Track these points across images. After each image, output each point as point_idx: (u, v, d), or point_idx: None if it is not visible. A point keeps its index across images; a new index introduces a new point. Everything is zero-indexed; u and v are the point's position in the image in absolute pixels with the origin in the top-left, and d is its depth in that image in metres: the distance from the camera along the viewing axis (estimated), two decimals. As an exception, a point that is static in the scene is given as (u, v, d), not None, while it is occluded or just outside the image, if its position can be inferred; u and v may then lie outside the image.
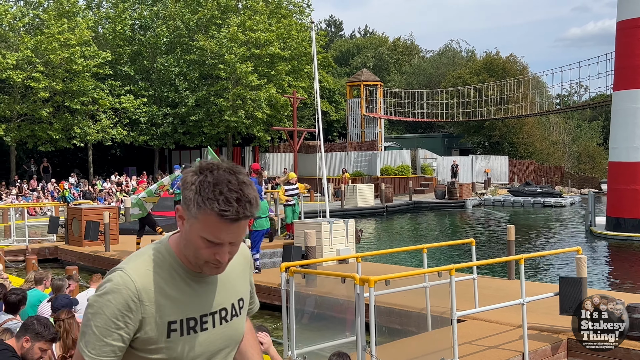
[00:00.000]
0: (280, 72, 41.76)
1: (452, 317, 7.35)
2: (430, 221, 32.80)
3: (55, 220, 21.25)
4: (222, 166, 1.97)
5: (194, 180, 1.94)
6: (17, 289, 7.41)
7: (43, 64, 34.66)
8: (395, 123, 67.03)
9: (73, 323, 5.74)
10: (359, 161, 45.47)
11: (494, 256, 19.48)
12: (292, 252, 13.20)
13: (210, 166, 1.96)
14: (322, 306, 8.75)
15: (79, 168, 43.35)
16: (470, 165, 47.98)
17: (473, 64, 62.62)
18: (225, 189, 1.90)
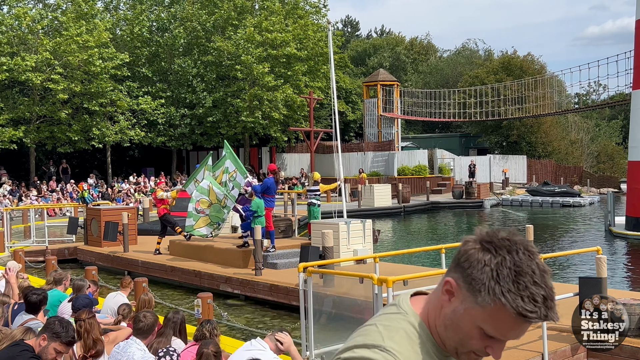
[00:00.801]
0: (296, 72, 41.80)
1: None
2: (448, 221, 32.69)
3: (74, 221, 21.43)
4: (519, 245, 1.64)
5: (487, 261, 1.63)
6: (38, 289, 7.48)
7: (62, 66, 34.95)
8: (412, 123, 66.83)
9: (94, 323, 5.78)
10: (375, 161, 45.40)
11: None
12: (309, 252, 13.22)
13: (506, 244, 1.64)
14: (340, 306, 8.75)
15: (97, 169, 43.66)
16: (488, 165, 47.74)
17: (490, 64, 62.30)
18: (530, 282, 1.59)
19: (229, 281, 14.54)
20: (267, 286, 13.61)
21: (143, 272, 16.65)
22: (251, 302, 13.97)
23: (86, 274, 12.79)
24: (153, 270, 16.73)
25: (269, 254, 15.31)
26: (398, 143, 48.80)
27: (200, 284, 15.21)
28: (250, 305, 13.81)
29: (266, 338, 5.59)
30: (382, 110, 48.58)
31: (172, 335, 6.28)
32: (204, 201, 15.74)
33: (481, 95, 53.53)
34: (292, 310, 12.62)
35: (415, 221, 32.62)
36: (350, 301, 8.62)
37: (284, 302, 13.22)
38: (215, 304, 11.15)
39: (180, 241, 17.69)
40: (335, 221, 15.74)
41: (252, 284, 13.96)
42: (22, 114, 35.08)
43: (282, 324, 12.15)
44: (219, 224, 16.00)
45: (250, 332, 11.04)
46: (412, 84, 67.74)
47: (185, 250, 17.28)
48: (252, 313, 13.21)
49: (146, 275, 15.35)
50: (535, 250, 1.66)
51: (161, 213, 17.90)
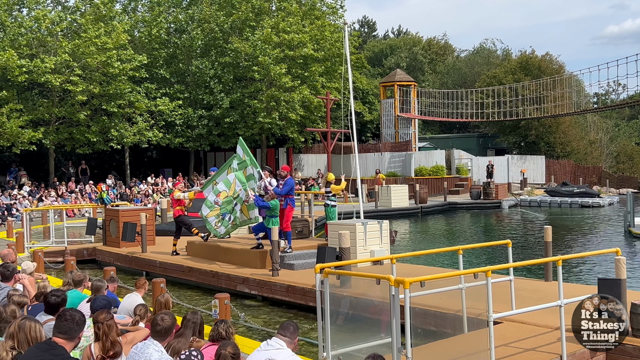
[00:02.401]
0: (313, 73, 41.82)
1: (489, 319, 7.29)
2: (466, 222, 32.54)
3: (93, 221, 21.57)
4: None
5: None
6: (58, 290, 7.54)
7: (80, 68, 35.20)
8: (430, 123, 66.64)
9: (112, 324, 5.81)
10: (392, 162, 45.31)
11: (530, 257, 19.26)
12: (326, 253, 13.21)
13: None
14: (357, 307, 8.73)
15: (116, 170, 43.96)
16: (506, 166, 47.48)
17: (508, 63, 61.97)
18: None
19: (246, 282, 14.57)
20: (284, 287, 13.63)
21: (161, 272, 16.74)
22: (268, 302, 13.99)
23: (104, 275, 12.87)
24: (171, 270, 16.80)
25: (286, 254, 15.33)
26: (415, 143, 48.67)
27: (217, 284, 15.25)
28: (268, 306, 13.83)
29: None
30: (399, 110, 48.48)
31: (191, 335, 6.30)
32: (223, 193, 15.92)
33: (499, 95, 53.25)
34: (309, 311, 12.63)
35: (433, 222, 32.51)
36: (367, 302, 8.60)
37: (301, 303, 13.23)
38: (233, 305, 11.18)
39: (198, 242, 17.75)
40: (352, 222, 15.73)
41: (269, 285, 13.98)
42: (41, 116, 35.38)
43: (300, 324, 12.16)
44: (224, 216, 15.96)
45: (267, 333, 11.06)
46: (429, 84, 67.52)
47: (202, 251, 17.34)
48: (269, 314, 13.23)
49: (164, 275, 15.43)
50: None
51: (176, 214, 17.96)
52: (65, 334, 5.01)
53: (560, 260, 8.42)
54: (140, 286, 9.38)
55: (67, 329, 5.03)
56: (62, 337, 4.99)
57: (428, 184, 41.32)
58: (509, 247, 10.40)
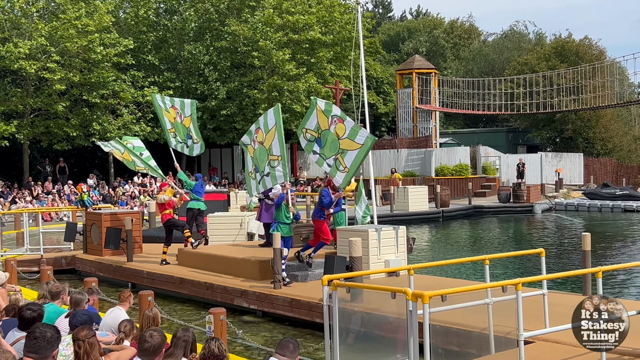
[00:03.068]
0: (321, 59, 41.85)
1: (519, 338, 7.28)
2: (493, 228, 32.49)
3: (72, 226, 21.63)
4: None
5: None
6: (34, 304, 7.57)
7: (58, 53, 35.31)
8: (453, 116, 66.55)
9: (94, 342, 5.83)
10: (410, 160, 45.29)
11: (566, 269, 19.20)
12: (335, 263, 13.21)
13: None
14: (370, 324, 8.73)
15: (98, 168, 44.07)
16: (539, 164, 47.37)
17: (541, 49, 61.82)
18: None
19: (244, 295, 14.59)
20: (287, 301, 13.64)
21: (148, 284, 16.77)
22: (269, 318, 13.99)
23: (85, 286, 12.91)
24: (159, 282, 16.84)
25: (307, 272, 15.21)
26: (436, 139, 48.62)
27: (212, 297, 15.27)
28: (269, 322, 13.84)
29: None
30: (418, 101, 48.44)
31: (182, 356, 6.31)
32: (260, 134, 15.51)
33: (531, 85, 53.14)
34: (315, 328, 12.63)
35: (456, 228, 32.47)
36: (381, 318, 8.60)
37: (306, 319, 13.23)
38: (229, 321, 11.19)
39: (190, 250, 17.79)
40: (364, 228, 15.72)
41: (270, 299, 13.99)
42: (14, 107, 35.51)
43: (305, 343, 12.17)
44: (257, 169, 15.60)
45: (267, 353, 11.07)
46: (452, 72, 67.43)
47: (195, 260, 17.38)
48: (271, 331, 13.24)
49: (152, 287, 15.46)
50: None
51: (165, 218, 18.03)
52: (36, 353, 5.02)
53: (600, 271, 8.39)
54: (124, 299, 9.40)
55: (37, 347, 5.03)
56: (33, 357, 5.00)
57: (450, 185, 41.27)
58: (542, 256, 10.36)
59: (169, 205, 18.07)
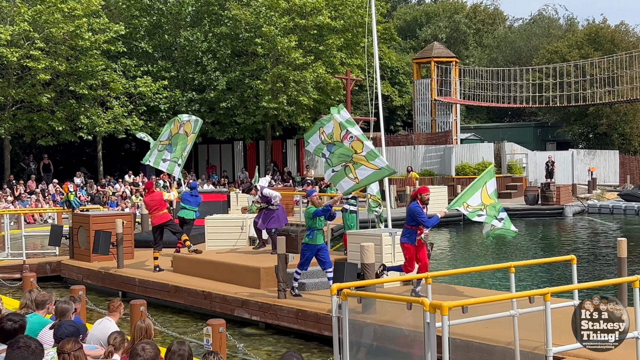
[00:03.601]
0: (330, 47, 41.82)
1: (547, 354, 7.27)
2: (519, 233, 32.34)
3: (57, 229, 21.66)
4: None
5: None
6: (15, 314, 7.59)
7: (43, 40, 35.38)
8: (475, 109, 66.41)
9: (81, 356, 5.85)
10: (428, 157, 45.23)
11: (600, 277, 19.14)
12: (345, 270, 13.20)
13: None
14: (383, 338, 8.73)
15: (86, 166, 44.20)
16: (570, 163, 47.22)
17: (573, 35, 61.67)
18: None
19: (245, 305, 14.61)
20: (292, 312, 13.65)
21: (141, 293, 16.80)
22: (273, 331, 14.01)
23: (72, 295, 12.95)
24: (153, 290, 16.87)
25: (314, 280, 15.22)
26: (457, 134, 48.53)
27: (210, 308, 15.31)
28: (272, 335, 13.86)
29: None
30: (437, 93, 48.37)
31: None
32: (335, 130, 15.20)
33: (561, 75, 52.99)
34: (323, 342, 12.63)
35: (478, 232, 32.37)
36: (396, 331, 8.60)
37: (313, 332, 13.24)
38: (229, 333, 11.21)
39: (186, 256, 17.82)
40: (378, 232, 15.71)
41: (274, 309, 14.01)
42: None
43: (311, 358, 12.18)
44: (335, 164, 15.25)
45: (271, 369, 11.08)
46: (474, 61, 67.32)
47: (192, 267, 17.40)
48: (274, 345, 13.25)
49: (144, 297, 15.48)
50: None
51: (165, 219, 18.20)
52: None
53: (638, 280, 8.37)
54: (114, 310, 9.42)
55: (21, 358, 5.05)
56: None
57: (472, 185, 41.14)
58: (573, 264, 10.34)
59: (165, 204, 18.39)
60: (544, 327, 7.36)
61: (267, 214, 17.37)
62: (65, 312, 8.44)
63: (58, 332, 7.37)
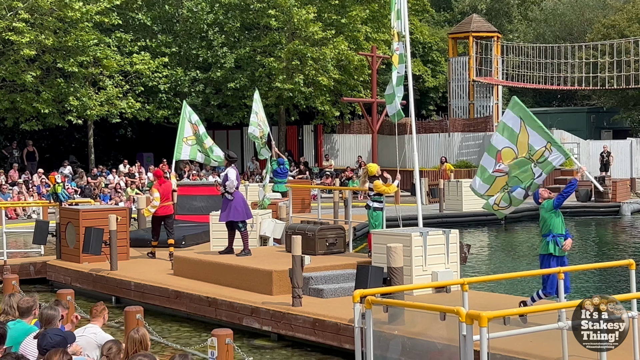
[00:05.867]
0: (354, 20, 41.75)
1: (601, 372, 7.26)
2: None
3: (43, 225, 21.75)
4: None
5: None
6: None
7: (27, 10, 35.46)
8: (519, 92, 66.13)
9: (68, 368, 5.88)
10: (465, 147, 45.13)
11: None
12: (369, 274, 13.19)
13: None
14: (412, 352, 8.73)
15: (75, 154, 44.37)
16: (629, 154, 46.98)
17: (633, 7, 61.21)
18: None
19: (255, 313, 14.63)
20: (308, 321, 13.66)
21: (136, 298, 16.86)
22: (286, 342, 14.03)
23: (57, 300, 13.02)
24: (151, 295, 16.92)
25: (334, 285, 15.28)
26: (498, 121, 48.33)
27: (215, 316, 15.35)
28: (285, 347, 13.88)
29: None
30: (476, 73, 48.21)
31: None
32: (507, 152, 14.71)
33: (619, 53, 52.66)
34: (344, 356, 12.64)
35: (521, 233, 32.32)
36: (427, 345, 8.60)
37: (332, 345, 13.25)
38: (237, 345, 11.23)
39: (190, 257, 17.89)
40: (407, 231, 15.70)
41: (288, 318, 14.02)
42: (-28, 77, 35.81)
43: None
44: (514, 190, 14.91)
45: (284, 386, 11.12)
46: (519, 37, 66.99)
47: (195, 270, 17.44)
48: (288, 359, 13.27)
49: (141, 302, 15.54)
50: None
51: (170, 211, 19.81)
52: None
53: None
54: (97, 314, 9.42)
55: None
56: None
57: (516, 179, 41.02)
58: (631, 269, 10.29)
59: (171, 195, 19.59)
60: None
61: (224, 203, 17.59)
62: (51, 320, 8.47)
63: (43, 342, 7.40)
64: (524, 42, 58.92)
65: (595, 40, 55.73)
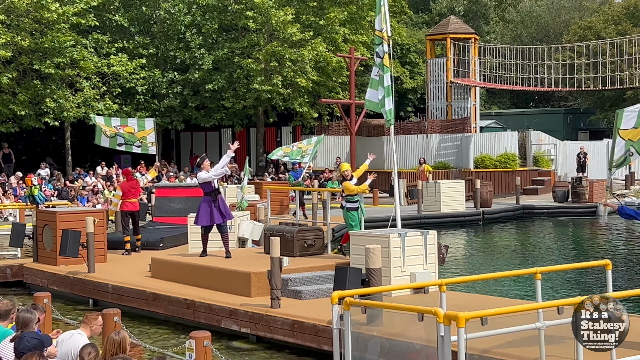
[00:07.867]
0: (332, 21, 41.78)
1: (578, 372, 7.29)
2: (546, 234, 32.46)
3: (19, 228, 21.65)
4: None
5: None
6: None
7: (3, 11, 35.29)
8: (497, 93, 66.42)
9: (45, 372, 5.86)
10: (443, 148, 45.24)
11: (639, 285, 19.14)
12: (347, 276, 13.20)
13: None
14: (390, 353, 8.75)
15: (52, 156, 44.16)
16: (605, 155, 47.25)
17: (609, 9, 61.65)
18: None
19: (234, 315, 14.62)
20: (287, 323, 13.66)
21: (114, 301, 16.81)
22: (265, 344, 14.03)
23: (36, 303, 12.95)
24: (128, 298, 16.87)
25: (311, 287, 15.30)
26: (476, 122, 48.53)
27: (193, 318, 15.32)
28: (264, 349, 13.88)
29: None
30: (453, 75, 48.35)
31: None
32: None
33: (595, 55, 52.97)
34: (322, 358, 12.65)
35: (500, 233, 32.44)
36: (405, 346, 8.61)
37: (311, 346, 13.26)
38: (215, 347, 11.21)
39: (167, 260, 17.84)
40: (385, 232, 15.72)
41: (266, 320, 14.02)
42: (-52, 79, 35.58)
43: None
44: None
45: (263, 388, 11.11)
46: (496, 38, 67.30)
47: (173, 272, 17.41)
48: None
49: (119, 305, 15.51)
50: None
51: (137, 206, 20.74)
52: None
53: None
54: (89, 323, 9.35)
55: None
56: None
57: (493, 180, 41.21)
58: (608, 269, 10.34)
59: (139, 191, 19.86)
60: (574, 342, 7.37)
61: (207, 205, 17.60)
62: (28, 323, 8.44)
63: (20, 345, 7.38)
64: (501, 44, 59.18)
65: (572, 42, 56.10)
